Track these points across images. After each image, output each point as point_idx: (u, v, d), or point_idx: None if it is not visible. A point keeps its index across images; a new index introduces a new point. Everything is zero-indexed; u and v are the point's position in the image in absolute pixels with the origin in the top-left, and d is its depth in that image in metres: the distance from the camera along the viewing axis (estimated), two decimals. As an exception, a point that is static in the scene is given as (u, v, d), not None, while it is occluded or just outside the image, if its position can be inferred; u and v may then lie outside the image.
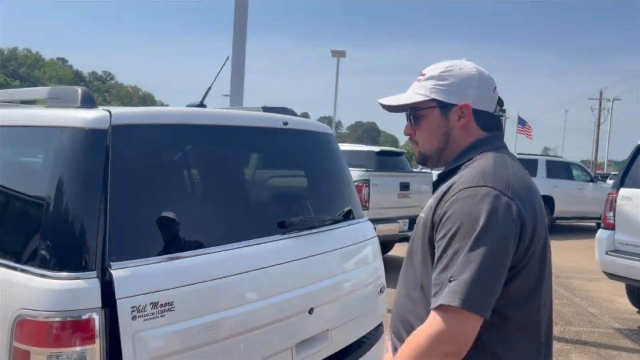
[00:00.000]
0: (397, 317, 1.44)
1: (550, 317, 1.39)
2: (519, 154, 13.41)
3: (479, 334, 1.19)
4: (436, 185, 1.44)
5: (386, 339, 2.31)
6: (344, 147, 10.53)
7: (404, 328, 1.39)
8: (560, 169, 12.94)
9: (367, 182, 6.92)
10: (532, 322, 1.30)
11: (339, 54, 24.40)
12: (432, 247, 1.29)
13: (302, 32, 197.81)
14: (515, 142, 52.60)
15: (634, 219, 5.18)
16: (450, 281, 1.17)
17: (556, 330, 5.26)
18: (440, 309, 1.17)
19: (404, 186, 7.53)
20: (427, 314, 1.25)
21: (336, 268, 2.48)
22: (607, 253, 5.33)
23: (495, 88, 1.43)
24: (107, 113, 1.84)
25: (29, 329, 1.63)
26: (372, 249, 2.80)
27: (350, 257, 2.63)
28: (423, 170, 8.64)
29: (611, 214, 5.41)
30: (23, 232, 1.84)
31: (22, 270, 1.72)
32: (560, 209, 12.37)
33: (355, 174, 7.04)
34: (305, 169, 2.76)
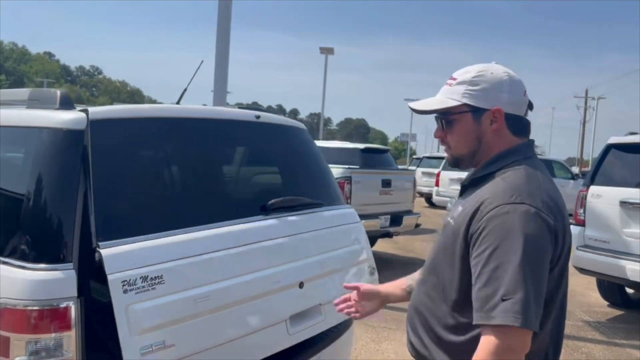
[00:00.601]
0: (415, 312, 1.50)
1: (562, 316, 1.43)
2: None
3: None
4: (464, 188, 1.49)
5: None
6: (329, 144, 10.68)
7: (420, 323, 1.46)
8: (541, 167, 13.17)
9: (348, 179, 7.05)
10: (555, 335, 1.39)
11: (327, 51, 24.48)
12: (462, 255, 1.33)
13: (294, 28, 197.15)
14: (502, 139, 52.99)
15: (603, 215, 5.37)
16: (503, 300, 1.20)
17: (528, 322, 5.44)
18: (498, 328, 1.20)
19: (386, 183, 7.67)
20: (445, 312, 1.37)
21: (322, 246, 2.57)
22: (577, 248, 5.52)
23: (525, 92, 1.44)
24: (84, 114, 1.95)
25: (9, 317, 1.73)
26: (358, 232, 2.89)
27: (336, 237, 2.71)
28: (406, 168, 8.82)
29: (582, 210, 5.60)
30: (5, 227, 1.94)
31: (4, 263, 1.82)
32: (541, 205, 12.59)
33: (337, 171, 7.17)
34: (279, 159, 2.85)
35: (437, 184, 13.73)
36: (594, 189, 5.53)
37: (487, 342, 1.22)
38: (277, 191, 2.66)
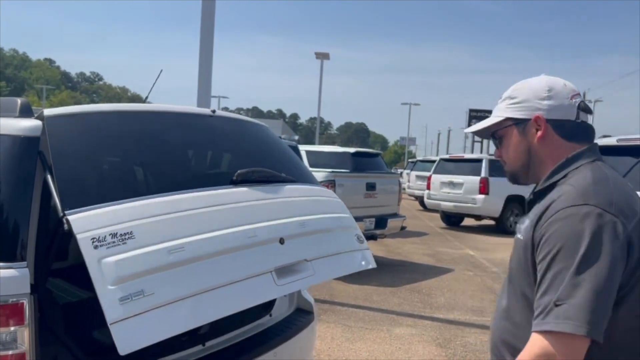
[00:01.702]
0: (499, 339, 1.42)
1: None
2: (491, 155, 13.75)
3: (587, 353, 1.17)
4: (530, 203, 1.44)
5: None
6: (321, 148, 10.81)
7: (507, 350, 1.38)
8: (531, 170, 13.29)
9: (332, 183, 7.18)
10: (637, 346, 1.27)
11: (322, 56, 24.66)
12: (535, 268, 1.27)
13: (294, 33, 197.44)
14: (500, 142, 53.12)
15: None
16: (556, 305, 1.14)
17: (504, 322, 5.54)
18: (547, 334, 1.15)
19: (370, 186, 7.79)
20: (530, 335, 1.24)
21: (300, 210, 2.55)
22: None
23: (574, 96, 1.42)
24: (40, 122, 2.07)
25: (-35, 312, 1.85)
26: (340, 205, 2.88)
27: (315, 205, 2.69)
28: (392, 171, 8.93)
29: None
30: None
31: (-37, 262, 1.94)
32: (531, 208, 12.69)
33: (321, 174, 7.31)
34: (241, 148, 2.86)
35: (428, 187, 13.83)
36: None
37: (534, 345, 1.17)
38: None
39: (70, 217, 1.86)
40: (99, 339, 2.41)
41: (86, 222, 1.88)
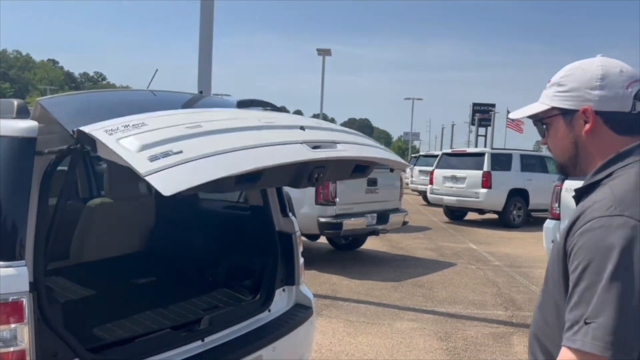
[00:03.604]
0: (534, 339, 1.41)
1: None
2: (493, 149, 13.76)
3: None
4: (577, 199, 1.35)
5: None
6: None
7: (537, 345, 1.37)
8: (534, 163, 13.27)
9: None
10: None
11: (324, 52, 24.63)
12: (566, 277, 1.22)
13: (297, 30, 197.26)
14: (505, 137, 52.98)
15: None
16: (586, 323, 1.10)
17: (505, 315, 5.57)
18: (576, 351, 1.12)
19: (372, 182, 7.81)
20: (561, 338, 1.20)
21: (303, 121, 2.45)
22: (552, 242, 5.63)
23: (630, 84, 1.28)
24: (36, 124, 2.10)
25: (-34, 310, 1.89)
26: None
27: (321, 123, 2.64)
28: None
29: (557, 204, 5.72)
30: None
31: (-37, 262, 1.98)
32: (534, 201, 12.69)
33: (322, 171, 7.33)
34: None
35: (431, 182, 13.83)
36: (568, 183, 5.65)
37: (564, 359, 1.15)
38: None
39: (80, 127, 1.84)
40: (98, 335, 2.45)
41: (95, 126, 1.86)
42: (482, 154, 12.93)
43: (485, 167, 12.44)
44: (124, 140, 1.79)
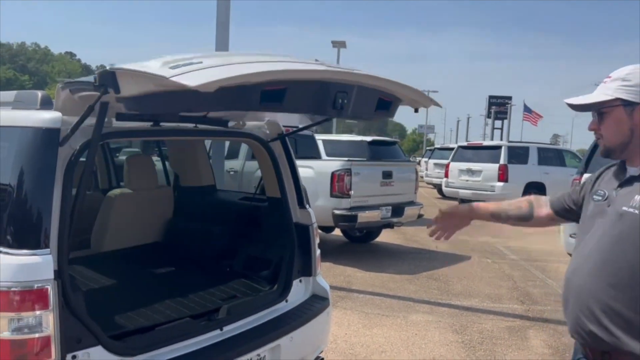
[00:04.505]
0: (594, 301, 1.56)
1: None
2: (510, 141, 13.64)
3: None
4: (632, 178, 1.60)
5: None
6: (338, 137, 10.83)
7: (602, 312, 1.53)
8: (551, 156, 13.13)
9: (348, 171, 7.19)
10: None
11: (339, 45, 24.55)
12: None
13: (310, 21, 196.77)
14: (521, 129, 52.38)
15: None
16: None
17: (521, 309, 5.54)
18: None
19: (387, 175, 7.79)
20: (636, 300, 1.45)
21: None
22: (570, 236, 5.58)
23: None
24: (60, 114, 2.14)
25: (-7, 297, 1.94)
26: None
27: None
28: (409, 159, 8.96)
29: (575, 198, 5.65)
30: (-10, 217, 2.15)
31: (-11, 250, 2.03)
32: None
33: (337, 163, 7.34)
34: None
35: (446, 175, 13.76)
36: (586, 176, 5.58)
37: None
38: None
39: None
40: (120, 323, 2.50)
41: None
42: (498, 147, 12.82)
43: (502, 160, 12.34)
44: (144, 63, 1.81)
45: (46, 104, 2.28)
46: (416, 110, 2.60)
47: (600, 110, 1.64)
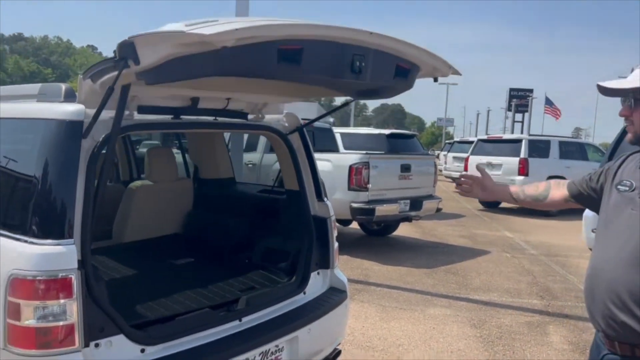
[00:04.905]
0: (628, 294, 1.55)
1: None
2: (530, 135, 13.44)
3: None
4: None
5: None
6: (356, 130, 10.80)
7: (633, 301, 1.53)
8: (573, 150, 12.91)
9: (366, 165, 7.17)
10: None
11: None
12: None
13: (325, 13, 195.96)
14: (542, 122, 51.55)
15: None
16: None
17: (541, 304, 5.49)
18: None
19: (405, 168, 7.75)
20: None
21: None
22: (592, 231, 5.49)
23: None
24: (83, 107, 2.17)
25: (19, 286, 1.99)
26: None
27: None
28: (427, 153, 8.90)
29: (597, 193, 5.55)
30: (16, 207, 2.20)
31: (16, 239, 2.07)
32: (573, 189, 12.36)
33: (355, 156, 7.32)
34: None
35: (465, 169, 13.60)
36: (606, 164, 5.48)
37: None
38: None
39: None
40: (141, 313, 2.54)
41: None
42: (519, 141, 12.64)
43: (522, 154, 12.17)
44: (162, 28, 1.84)
45: (70, 97, 2.31)
46: (435, 80, 2.55)
47: (636, 96, 1.62)
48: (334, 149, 8.50)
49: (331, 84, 2.38)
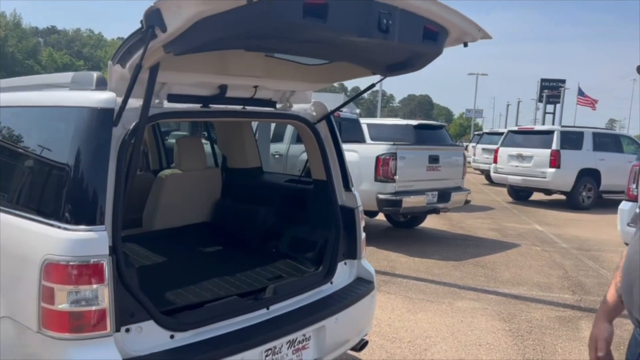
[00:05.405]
0: None
1: None
2: (563, 126, 13.10)
3: None
4: None
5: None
6: (382, 121, 10.71)
7: None
8: (607, 142, 12.52)
9: (394, 156, 7.10)
10: None
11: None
12: None
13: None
14: (575, 114, 50.25)
15: (657, 190, 5.15)
16: None
17: (573, 299, 5.36)
18: None
19: (433, 159, 7.65)
20: None
21: None
22: (628, 224, 5.33)
23: None
24: (114, 95, 2.19)
25: (53, 271, 2.03)
26: None
27: None
28: (456, 144, 8.75)
29: (634, 185, 5.39)
30: (50, 194, 2.25)
31: (50, 225, 2.11)
32: (606, 182, 12.03)
33: (382, 147, 7.26)
34: None
35: (495, 161, 13.37)
36: (646, 164, 5.30)
37: None
38: None
39: None
40: (170, 299, 2.57)
41: None
42: (551, 132, 12.32)
43: (554, 146, 11.87)
44: None
45: (101, 85, 2.34)
46: (465, 45, 2.48)
47: None
48: (360, 139, 8.44)
49: (358, 51, 2.32)
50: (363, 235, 3.20)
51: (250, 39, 1.98)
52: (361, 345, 3.06)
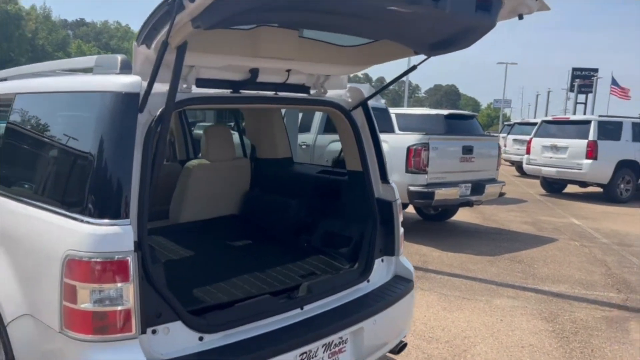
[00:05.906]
0: None
1: None
2: (600, 116, 12.57)
3: None
4: None
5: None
6: (412, 111, 10.43)
7: None
8: (648, 132, 11.97)
9: (426, 146, 6.85)
10: None
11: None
12: None
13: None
14: (607, 104, 48.73)
15: None
16: None
17: (618, 298, 5.06)
18: None
19: (467, 150, 7.35)
20: None
21: None
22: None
23: None
24: (139, 78, 2.03)
25: (75, 267, 1.89)
26: None
27: None
28: (490, 134, 8.42)
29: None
30: (72, 184, 2.10)
31: (72, 218, 1.98)
32: (647, 174, 11.51)
33: (415, 137, 7.00)
34: None
35: (527, 152, 12.93)
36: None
37: None
38: None
39: None
40: (199, 297, 2.42)
41: None
42: (587, 122, 11.83)
43: (591, 137, 11.39)
44: None
45: (126, 68, 2.19)
46: (520, 17, 2.25)
47: None
48: (389, 129, 8.19)
49: (403, 26, 2.11)
50: (401, 230, 3.00)
51: (286, 11, 1.79)
52: (400, 348, 2.87)
